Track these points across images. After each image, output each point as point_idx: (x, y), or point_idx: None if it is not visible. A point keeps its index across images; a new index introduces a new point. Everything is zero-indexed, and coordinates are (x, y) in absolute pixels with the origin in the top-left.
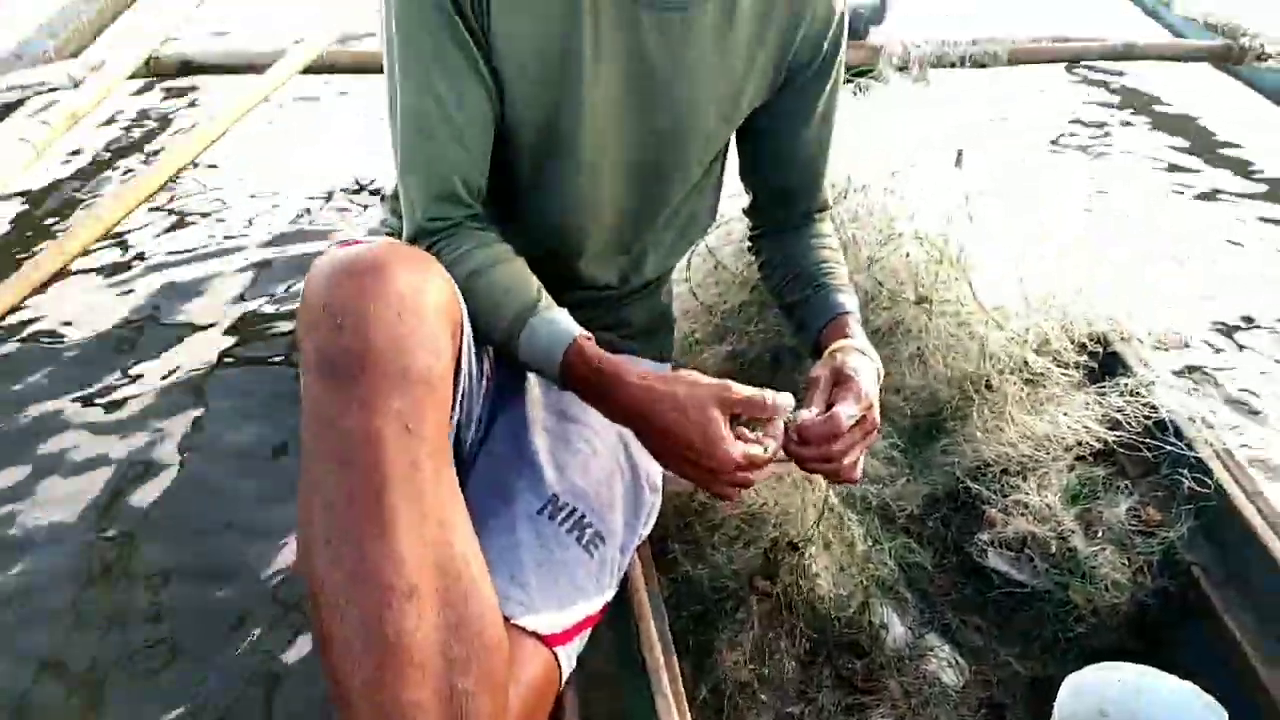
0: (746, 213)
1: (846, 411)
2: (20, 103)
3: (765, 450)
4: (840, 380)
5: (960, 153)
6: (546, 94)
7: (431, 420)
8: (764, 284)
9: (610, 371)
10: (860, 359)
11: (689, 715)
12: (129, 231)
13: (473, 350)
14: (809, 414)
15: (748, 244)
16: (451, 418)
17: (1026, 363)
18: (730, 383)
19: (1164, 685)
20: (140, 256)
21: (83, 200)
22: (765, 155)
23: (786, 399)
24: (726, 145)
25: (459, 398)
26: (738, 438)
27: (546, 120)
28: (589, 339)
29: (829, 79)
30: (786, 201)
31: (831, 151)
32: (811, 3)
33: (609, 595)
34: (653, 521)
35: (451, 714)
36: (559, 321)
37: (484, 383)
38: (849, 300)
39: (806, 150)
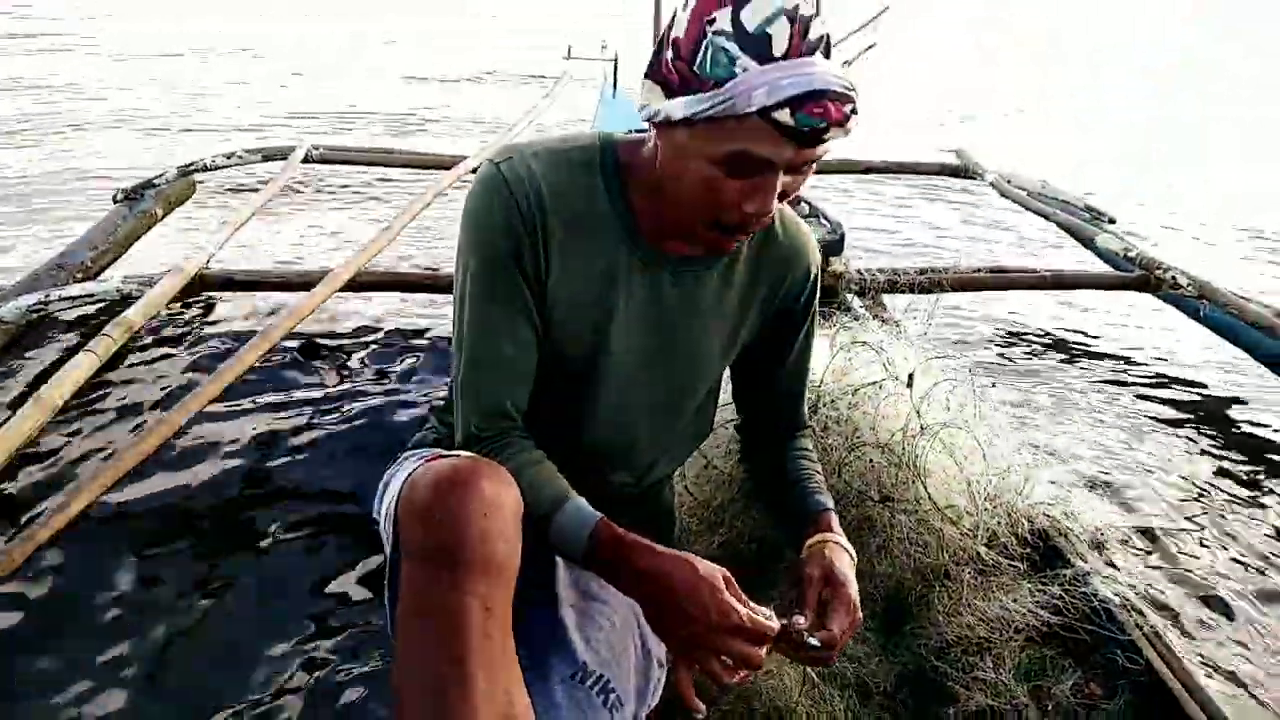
0: (739, 429)
1: (840, 627)
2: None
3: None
4: (831, 582)
5: (911, 374)
6: (586, 339)
7: (502, 600)
8: (754, 488)
9: (631, 542)
10: (843, 555)
11: None
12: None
13: None
14: (802, 620)
15: (739, 455)
16: None
17: (979, 554)
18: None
19: None
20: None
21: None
22: (755, 382)
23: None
24: (723, 372)
25: None
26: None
27: (585, 360)
28: (607, 521)
29: (806, 321)
30: (772, 419)
31: (808, 379)
32: (794, 263)
33: None
34: (659, 692)
35: None
36: (584, 508)
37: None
38: (827, 500)
39: (787, 378)
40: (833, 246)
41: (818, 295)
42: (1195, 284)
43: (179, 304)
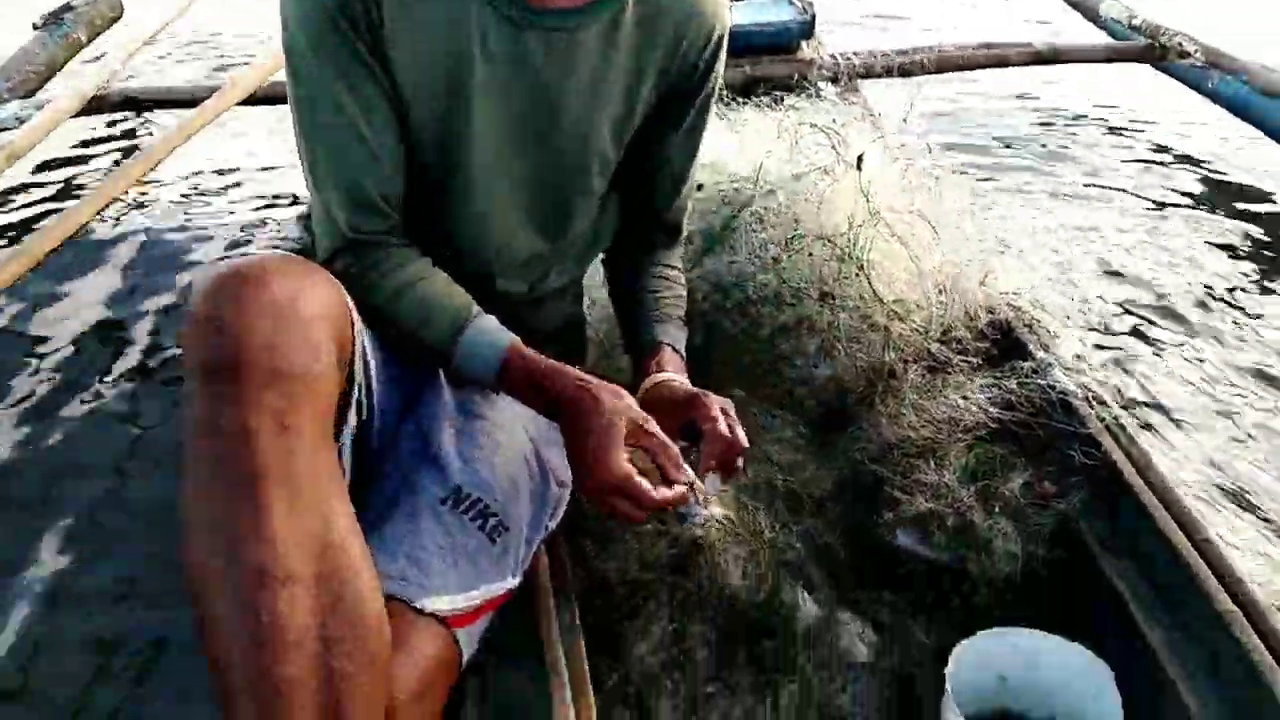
0: None
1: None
2: None
3: (655, 492)
4: (692, 407)
5: (861, 155)
6: (441, 115)
7: (309, 416)
8: (611, 301)
9: (551, 368)
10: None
11: (593, 703)
12: (63, 260)
13: (375, 353)
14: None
15: (601, 256)
16: (347, 418)
17: (930, 351)
18: (653, 420)
19: (1053, 646)
20: (69, 288)
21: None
22: (630, 168)
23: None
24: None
25: (357, 398)
26: (642, 472)
27: (442, 141)
28: (520, 342)
29: (699, 95)
30: (640, 220)
31: (694, 175)
32: (694, 23)
33: (512, 582)
34: (560, 515)
35: (329, 692)
36: (492, 330)
37: (391, 387)
38: (669, 330)
39: (667, 167)
40: (803, 29)
41: (720, 65)
42: (1204, 51)
43: (80, 126)
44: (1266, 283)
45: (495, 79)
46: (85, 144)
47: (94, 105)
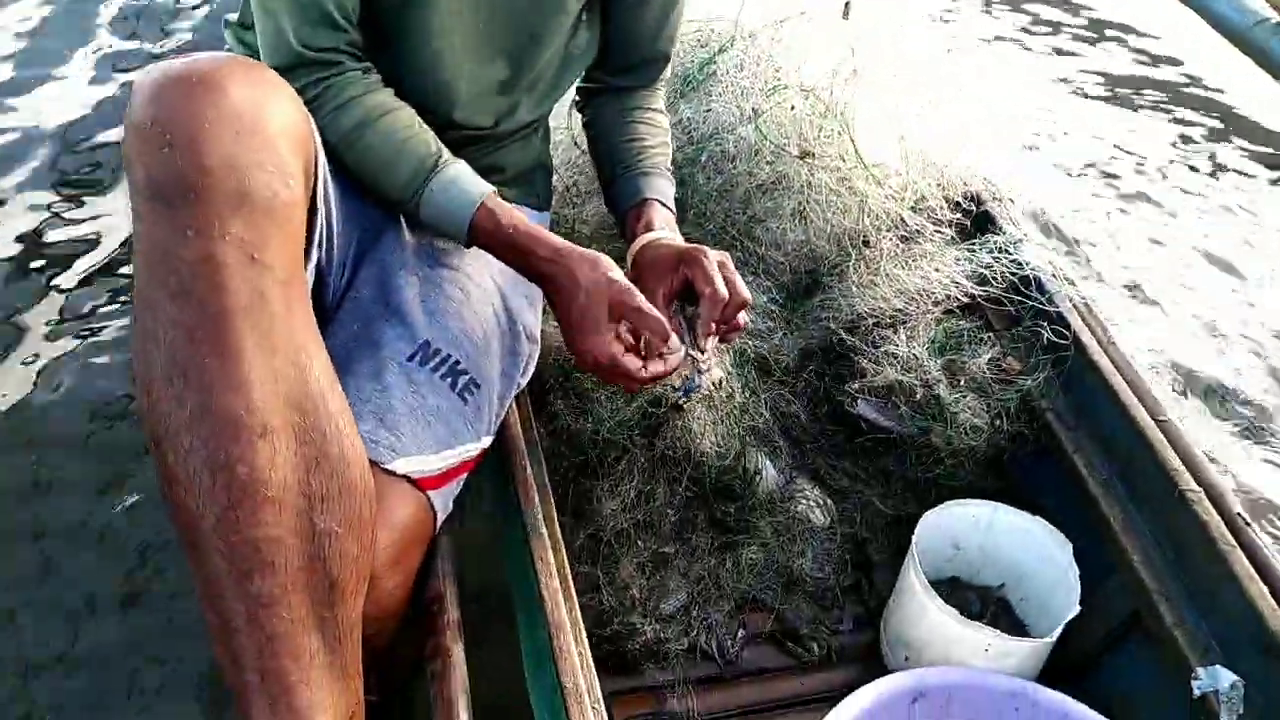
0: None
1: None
2: None
3: (645, 370)
4: (687, 265)
5: (848, 4)
6: None
7: (279, 249)
8: (590, 150)
9: (525, 234)
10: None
11: (565, 561)
12: None
13: (333, 189)
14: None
15: (575, 99)
16: (309, 256)
17: (903, 219)
18: (637, 292)
19: (1013, 518)
20: None
21: None
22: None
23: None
24: None
25: (318, 237)
26: (628, 349)
27: None
28: (494, 195)
29: None
30: (628, 44)
31: (680, 13)
32: None
33: (485, 442)
34: (530, 371)
35: (313, 553)
36: (462, 180)
37: (348, 225)
38: (656, 184)
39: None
40: None
41: None
42: None
43: None
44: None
45: None
46: None
47: None
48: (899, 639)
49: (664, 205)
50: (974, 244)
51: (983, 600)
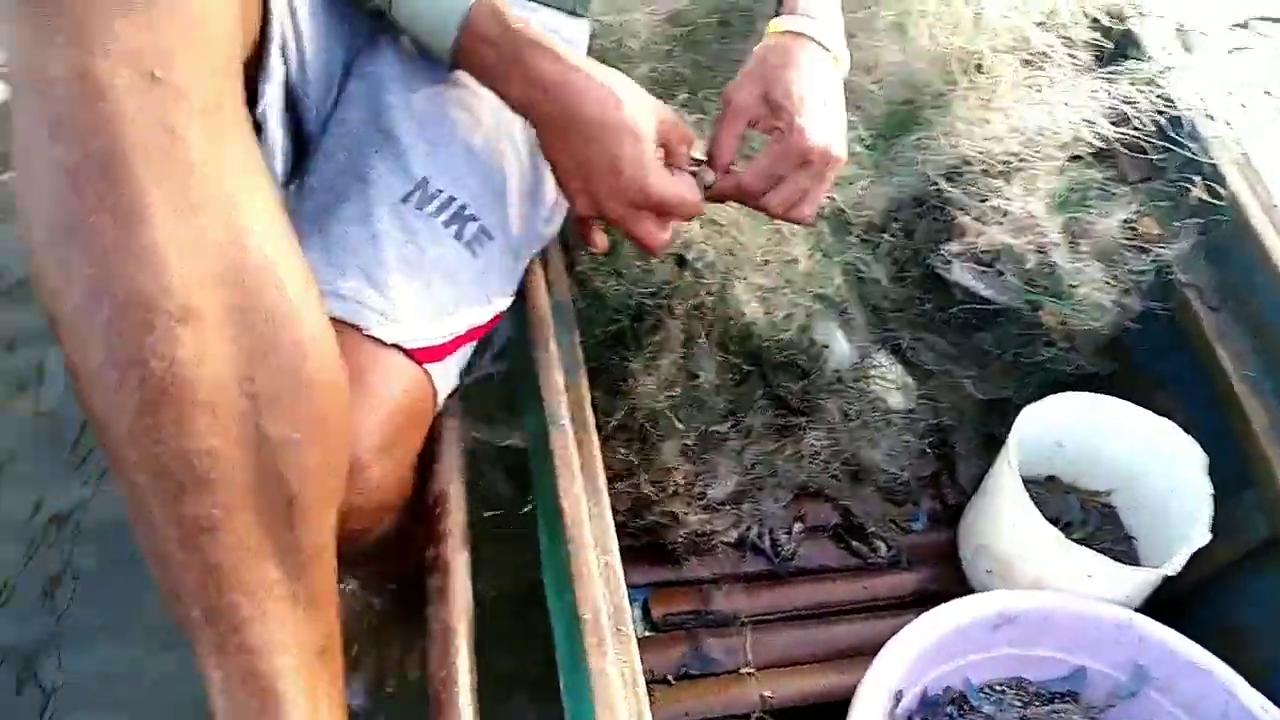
0: None
1: (759, 177)
2: None
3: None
4: (772, 106)
5: None
6: None
7: (193, 64)
8: None
9: (530, 35)
10: (806, 54)
11: (595, 444)
12: None
13: None
14: (710, 176)
15: None
16: (267, 68)
17: (1027, 39)
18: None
19: (1133, 416)
20: None
21: None
22: None
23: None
24: None
25: (277, 43)
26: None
27: None
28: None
29: None
30: None
31: None
32: None
33: (500, 305)
34: (558, 220)
35: (262, 465)
36: None
37: (333, 24)
38: None
39: None
40: None
41: None
42: None
43: None
44: None
45: None
46: None
47: None
48: (982, 548)
49: None
50: (1113, 72)
51: (1084, 506)
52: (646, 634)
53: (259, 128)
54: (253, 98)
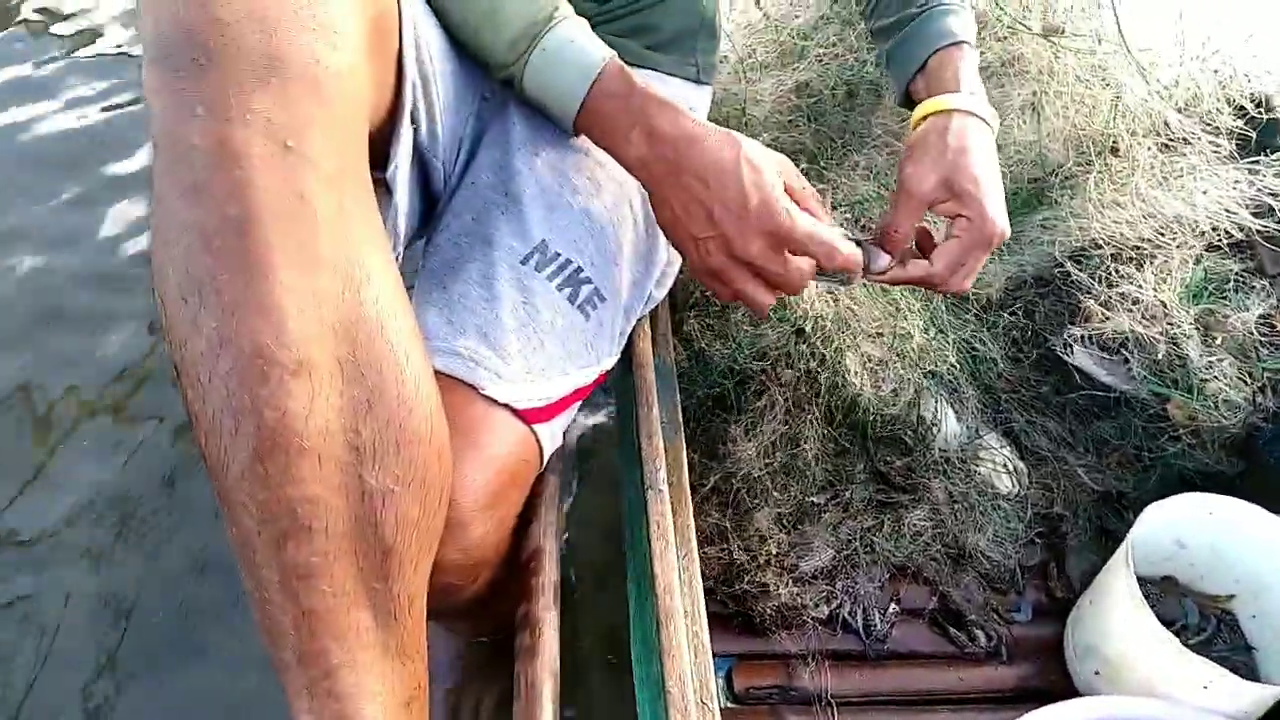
0: None
1: (950, 262)
2: None
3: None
4: (953, 189)
5: None
6: None
7: (324, 135)
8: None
9: (654, 93)
10: (974, 133)
11: (690, 509)
12: None
13: (438, 42)
14: (884, 260)
15: None
16: (398, 132)
17: (1167, 123)
18: (788, 160)
19: (1262, 519)
20: None
21: None
22: None
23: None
24: None
25: (408, 108)
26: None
27: None
28: (617, 60)
29: None
30: None
31: None
32: None
33: (606, 364)
34: (668, 283)
35: (362, 516)
36: (580, 40)
37: (465, 90)
38: (959, 24)
39: None
40: None
41: None
42: None
43: None
44: None
45: None
46: None
47: None
48: (1090, 648)
49: (968, 54)
50: (1256, 162)
51: (1203, 612)
52: (728, 705)
53: (388, 188)
54: (384, 158)
